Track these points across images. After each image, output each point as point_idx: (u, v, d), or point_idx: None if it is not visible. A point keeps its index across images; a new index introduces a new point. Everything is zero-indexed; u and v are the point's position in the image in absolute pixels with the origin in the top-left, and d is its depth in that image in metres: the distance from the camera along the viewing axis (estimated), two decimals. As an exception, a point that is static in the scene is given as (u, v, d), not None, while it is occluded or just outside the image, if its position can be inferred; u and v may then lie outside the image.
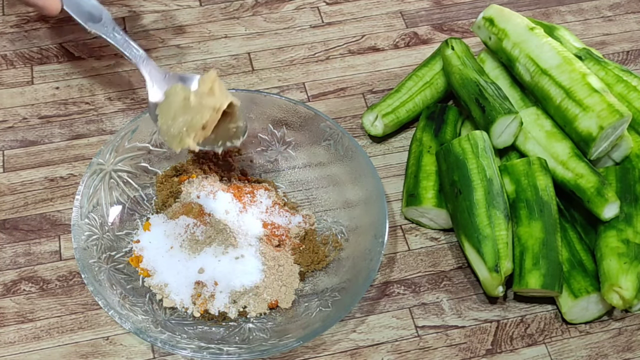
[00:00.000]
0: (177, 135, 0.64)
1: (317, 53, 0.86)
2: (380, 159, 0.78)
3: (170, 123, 0.64)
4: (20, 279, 0.68)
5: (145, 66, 0.69)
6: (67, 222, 0.72)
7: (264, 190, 0.72)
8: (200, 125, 0.63)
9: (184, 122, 0.63)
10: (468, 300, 0.69)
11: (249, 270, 0.66)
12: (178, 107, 0.64)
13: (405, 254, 0.72)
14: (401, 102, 0.77)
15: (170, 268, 0.66)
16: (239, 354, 0.60)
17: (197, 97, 0.63)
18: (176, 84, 0.66)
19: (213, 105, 0.63)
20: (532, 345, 0.67)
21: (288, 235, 0.70)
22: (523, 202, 0.68)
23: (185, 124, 0.63)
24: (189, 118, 0.63)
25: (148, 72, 0.69)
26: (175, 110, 0.64)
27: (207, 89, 0.64)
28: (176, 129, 0.64)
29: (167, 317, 0.64)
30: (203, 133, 0.64)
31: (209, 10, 0.89)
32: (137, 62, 0.69)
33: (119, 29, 0.69)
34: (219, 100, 0.64)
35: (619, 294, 0.63)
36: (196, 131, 0.63)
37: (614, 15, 0.91)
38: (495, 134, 0.71)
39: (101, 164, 0.68)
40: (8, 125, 0.78)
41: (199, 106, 0.63)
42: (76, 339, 0.66)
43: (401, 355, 0.66)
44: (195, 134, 0.63)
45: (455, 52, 0.77)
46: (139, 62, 0.69)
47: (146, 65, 0.69)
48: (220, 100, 0.64)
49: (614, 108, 0.67)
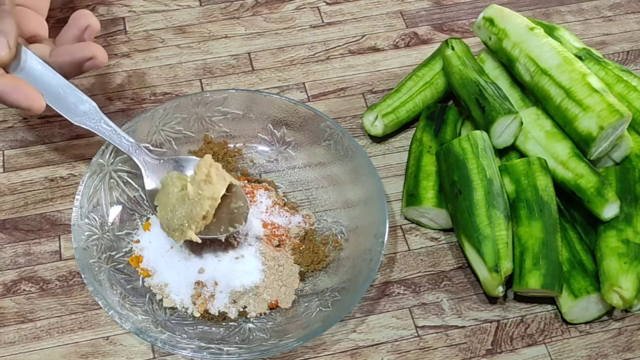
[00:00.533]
0: (178, 228, 0.64)
1: (317, 53, 0.86)
2: (380, 159, 0.78)
3: (170, 216, 0.64)
4: (20, 279, 0.68)
5: (138, 155, 0.67)
6: (67, 222, 0.72)
7: (264, 190, 0.72)
8: (201, 217, 0.63)
9: (184, 215, 0.63)
10: (468, 300, 0.69)
11: (249, 270, 0.66)
12: (176, 198, 0.64)
13: (405, 254, 0.72)
14: (401, 102, 0.77)
15: (170, 268, 0.66)
16: (239, 354, 0.60)
17: (194, 187, 0.63)
18: (172, 173, 0.66)
19: (211, 194, 0.63)
20: (532, 345, 0.67)
21: (288, 235, 0.70)
22: (523, 202, 0.68)
23: (185, 217, 0.63)
24: (188, 210, 0.63)
25: (142, 161, 0.68)
26: (174, 202, 0.64)
27: (204, 175, 0.63)
28: (177, 222, 0.63)
29: (167, 317, 0.65)
30: (204, 222, 0.64)
31: (209, 10, 0.89)
32: (129, 151, 0.67)
33: (106, 119, 0.67)
34: (217, 188, 0.64)
35: (619, 294, 0.63)
36: (197, 222, 0.63)
37: (614, 15, 0.91)
38: (495, 134, 0.71)
39: (101, 164, 0.68)
40: (8, 125, 0.78)
41: (197, 196, 0.63)
42: (76, 339, 0.66)
43: (401, 355, 0.66)
44: (196, 225, 0.63)
45: (455, 52, 0.77)
46: (131, 152, 0.67)
47: (139, 154, 0.67)
48: (218, 188, 0.64)
49: (614, 108, 0.67)
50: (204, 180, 0.64)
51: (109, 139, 0.67)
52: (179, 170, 0.68)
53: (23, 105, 0.64)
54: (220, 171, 0.65)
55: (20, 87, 0.64)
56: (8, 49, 0.63)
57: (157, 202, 0.65)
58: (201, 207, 0.63)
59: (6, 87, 0.63)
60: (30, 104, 0.64)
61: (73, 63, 0.67)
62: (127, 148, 0.67)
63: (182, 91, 0.81)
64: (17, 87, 0.64)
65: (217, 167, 0.65)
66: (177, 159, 0.69)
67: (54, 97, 0.66)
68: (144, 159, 0.68)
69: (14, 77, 0.65)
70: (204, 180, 0.64)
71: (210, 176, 0.64)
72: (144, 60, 0.84)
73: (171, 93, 0.81)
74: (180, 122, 0.73)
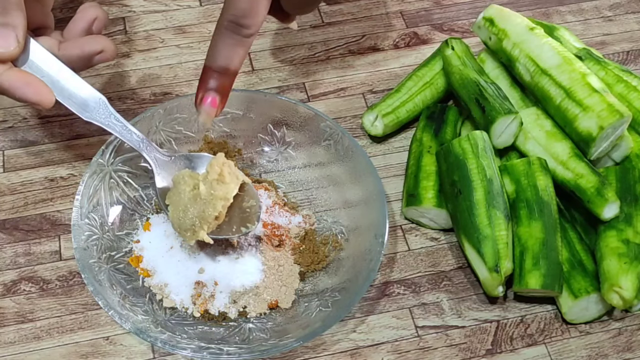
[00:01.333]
0: (189, 228, 0.63)
1: (317, 53, 0.86)
2: (380, 159, 0.78)
3: (181, 215, 0.63)
4: (20, 279, 0.68)
5: (149, 152, 0.66)
6: (67, 222, 0.72)
7: (264, 190, 0.72)
8: (213, 217, 0.62)
9: (196, 215, 0.62)
10: (468, 300, 0.69)
11: (249, 270, 0.66)
12: (188, 198, 0.63)
13: (405, 254, 0.72)
14: (401, 102, 0.77)
15: (170, 268, 0.66)
16: (239, 354, 0.60)
17: (207, 186, 0.62)
18: (184, 171, 0.64)
19: (224, 195, 0.62)
20: (532, 345, 0.67)
21: (288, 236, 0.70)
22: (523, 202, 0.68)
23: (197, 217, 0.62)
24: (200, 210, 0.62)
25: (152, 158, 0.66)
26: (185, 202, 0.63)
27: (216, 175, 0.62)
28: (188, 222, 0.63)
29: (167, 317, 0.65)
30: (216, 222, 0.63)
31: (209, 10, 0.89)
32: (139, 147, 0.65)
33: (116, 114, 0.65)
34: (230, 188, 0.62)
35: (619, 294, 0.63)
36: (209, 223, 0.62)
37: (614, 15, 0.91)
38: (495, 134, 0.71)
39: (101, 164, 0.68)
40: (8, 125, 0.78)
41: (210, 196, 0.62)
42: (76, 339, 0.66)
43: (401, 355, 0.66)
44: (208, 225, 0.63)
45: (455, 52, 0.77)
46: (142, 148, 0.65)
47: (150, 151, 0.66)
48: (231, 187, 0.62)
49: (614, 108, 0.67)
50: (217, 179, 0.62)
51: (119, 135, 0.65)
52: (191, 167, 0.67)
53: (32, 100, 0.62)
54: (233, 169, 0.63)
55: (29, 82, 0.62)
56: (17, 43, 0.61)
57: (168, 200, 0.65)
58: (214, 207, 0.62)
59: (15, 82, 0.61)
60: (40, 99, 0.62)
61: (82, 57, 0.66)
62: (137, 144, 0.66)
63: (182, 91, 0.81)
64: (26, 81, 0.62)
65: (230, 166, 0.63)
66: (188, 156, 0.67)
67: (64, 91, 0.64)
68: (154, 156, 0.66)
69: (23, 71, 0.62)
70: (217, 179, 0.62)
71: (222, 175, 0.62)
72: (144, 60, 0.84)
73: (171, 93, 0.81)
74: (180, 122, 0.73)
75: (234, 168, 0.64)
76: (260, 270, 0.66)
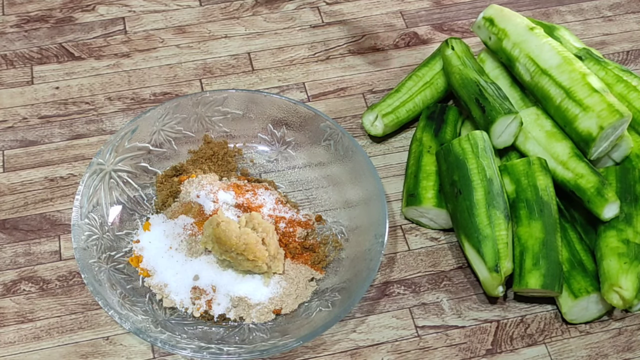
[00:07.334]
0: (208, 244, 0.65)
1: (317, 53, 0.86)
2: (380, 159, 0.78)
3: (212, 245, 0.65)
4: (20, 279, 0.68)
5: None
6: (67, 222, 0.72)
7: (264, 190, 0.71)
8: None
9: (223, 253, 0.65)
10: (468, 300, 0.69)
11: (256, 285, 0.66)
12: (228, 244, 0.64)
13: (405, 254, 0.72)
14: (401, 102, 0.77)
15: (169, 268, 0.66)
16: (239, 354, 0.60)
17: (240, 254, 0.64)
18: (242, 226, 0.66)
19: (253, 260, 0.65)
20: (532, 345, 0.67)
21: (293, 236, 0.69)
22: (523, 202, 0.68)
23: (222, 254, 0.65)
24: (227, 254, 0.65)
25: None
26: (224, 244, 0.64)
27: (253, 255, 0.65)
28: (213, 249, 0.65)
29: (167, 317, 0.64)
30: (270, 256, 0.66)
31: (209, 10, 0.89)
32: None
33: None
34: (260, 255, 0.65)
35: (619, 294, 0.63)
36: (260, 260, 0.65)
37: (614, 15, 0.91)
38: (495, 134, 0.71)
39: (101, 164, 0.68)
40: (8, 125, 0.78)
41: (240, 258, 0.65)
42: (76, 339, 0.66)
43: (401, 355, 0.66)
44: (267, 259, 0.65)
45: (455, 52, 0.77)
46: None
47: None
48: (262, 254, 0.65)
49: (614, 108, 0.67)
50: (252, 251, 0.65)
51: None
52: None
53: None
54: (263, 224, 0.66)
55: None
56: None
57: (210, 226, 0.66)
58: (240, 264, 0.65)
59: None
60: None
61: None
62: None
63: (182, 91, 0.82)
64: None
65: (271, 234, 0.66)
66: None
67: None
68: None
69: None
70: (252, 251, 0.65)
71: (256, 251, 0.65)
72: (144, 60, 0.84)
73: (171, 93, 0.81)
74: (180, 122, 0.73)
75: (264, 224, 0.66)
76: (275, 284, 0.66)
